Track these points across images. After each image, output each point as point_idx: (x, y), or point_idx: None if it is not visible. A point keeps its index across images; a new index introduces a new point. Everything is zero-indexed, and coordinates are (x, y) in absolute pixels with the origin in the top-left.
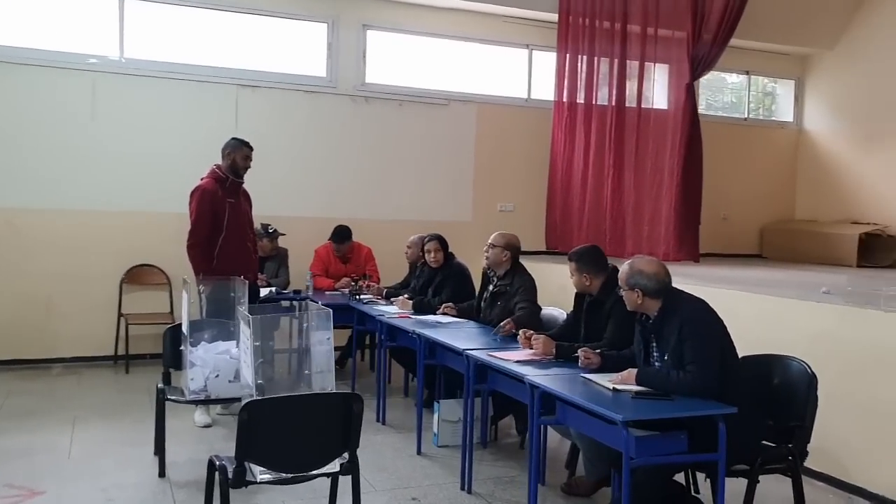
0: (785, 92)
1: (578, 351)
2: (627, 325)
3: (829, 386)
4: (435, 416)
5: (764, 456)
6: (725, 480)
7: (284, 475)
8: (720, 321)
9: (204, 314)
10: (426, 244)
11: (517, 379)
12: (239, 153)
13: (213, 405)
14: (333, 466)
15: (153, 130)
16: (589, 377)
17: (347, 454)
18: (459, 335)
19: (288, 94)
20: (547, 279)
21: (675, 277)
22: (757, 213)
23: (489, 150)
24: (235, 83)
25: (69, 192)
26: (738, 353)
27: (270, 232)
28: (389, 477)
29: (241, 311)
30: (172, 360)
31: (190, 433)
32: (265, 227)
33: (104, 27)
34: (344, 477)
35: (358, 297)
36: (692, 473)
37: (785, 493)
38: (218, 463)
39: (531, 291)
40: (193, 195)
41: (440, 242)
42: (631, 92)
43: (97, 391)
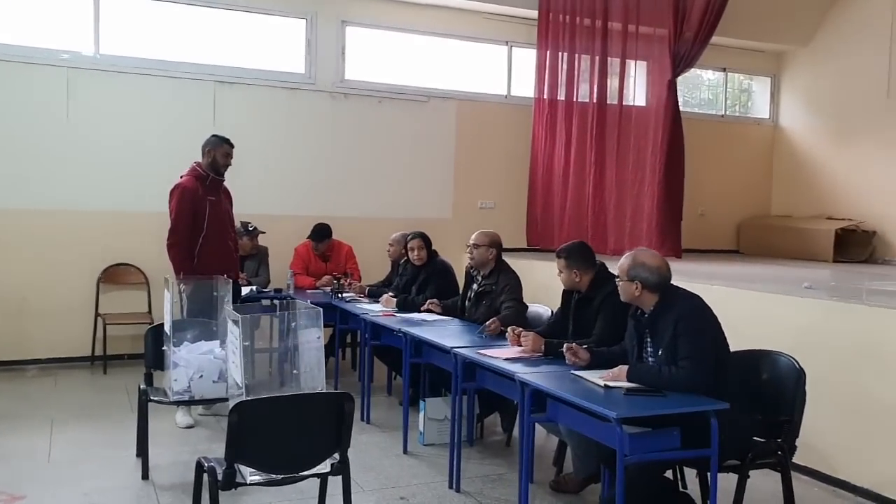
0: (761, 89)
1: (564, 347)
2: (617, 321)
3: (814, 380)
4: (421, 414)
5: (754, 451)
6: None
7: (275, 476)
8: (715, 318)
9: (185, 314)
10: (409, 241)
11: (506, 376)
12: (219, 150)
13: (194, 406)
14: (324, 467)
15: (129, 128)
16: (579, 374)
17: (338, 454)
18: (446, 333)
19: (266, 90)
20: (529, 276)
21: None
22: (734, 208)
23: (469, 147)
24: (213, 80)
25: (43, 191)
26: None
27: (250, 230)
28: (377, 477)
29: (229, 310)
30: (154, 360)
31: (172, 434)
32: (245, 224)
33: (78, 22)
34: (332, 477)
35: (340, 295)
36: (680, 469)
37: (773, 487)
38: (206, 465)
39: (517, 290)
40: (173, 193)
41: (423, 240)
42: (612, 89)
43: (75, 393)
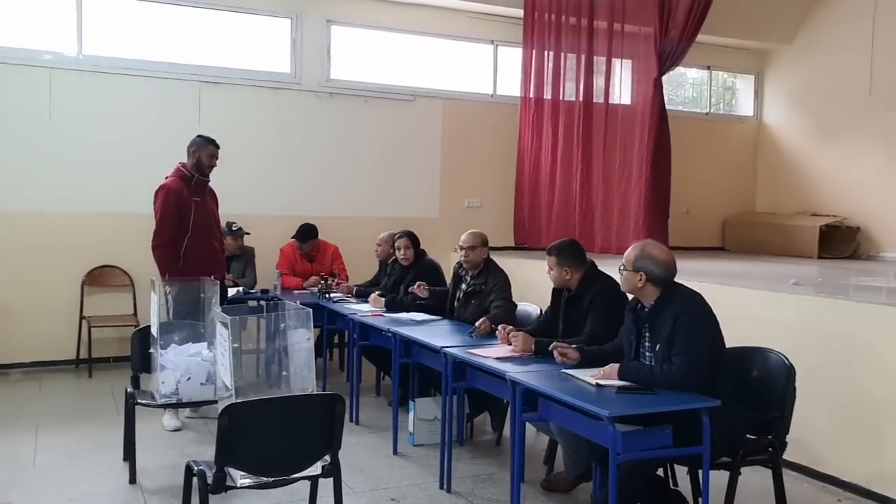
0: (745, 86)
1: (553, 347)
2: (607, 319)
3: (802, 376)
4: (410, 414)
5: (745, 448)
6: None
7: (265, 479)
8: (714, 316)
9: (171, 315)
10: (396, 241)
11: (497, 376)
12: (204, 151)
13: (181, 409)
14: (315, 469)
15: (113, 129)
16: (570, 373)
17: (329, 456)
18: (435, 333)
19: (252, 90)
20: (516, 275)
21: None
22: (719, 206)
23: (456, 146)
24: (198, 80)
25: (26, 192)
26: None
27: (235, 230)
28: (367, 478)
29: (217, 312)
30: (141, 363)
31: (159, 438)
32: (229, 224)
33: (61, 22)
34: (323, 479)
35: (328, 295)
36: (671, 466)
37: (764, 484)
38: (196, 468)
39: (506, 289)
40: (158, 194)
41: (410, 239)
42: (598, 87)
43: (60, 397)
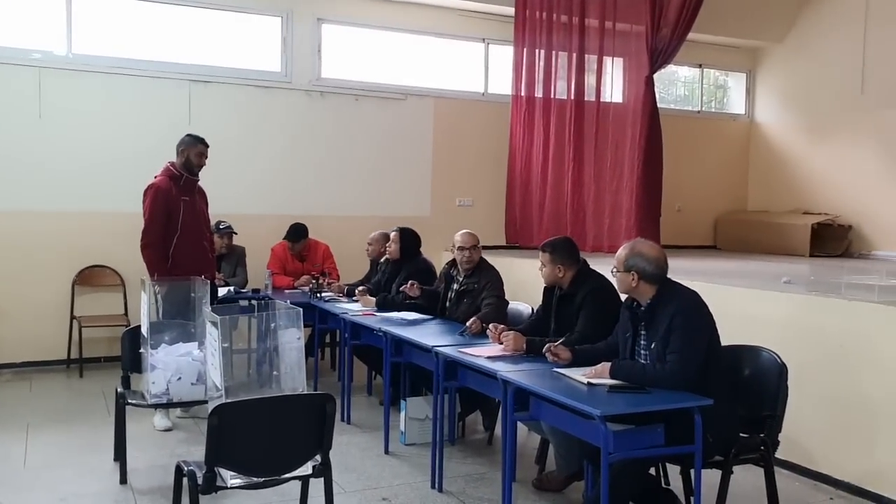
0: (736, 84)
1: (544, 349)
2: (599, 318)
3: (794, 375)
4: (402, 414)
5: (737, 447)
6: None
7: (256, 479)
8: (711, 315)
9: (160, 315)
10: (392, 232)
11: (488, 375)
12: (193, 150)
13: (172, 409)
14: (306, 469)
15: (103, 128)
16: (562, 372)
17: (320, 456)
18: (426, 332)
19: (242, 89)
20: (508, 274)
21: None
22: (710, 204)
23: (447, 144)
24: (188, 78)
25: (16, 192)
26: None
27: (222, 228)
28: (358, 477)
29: (207, 311)
30: (132, 363)
31: (149, 438)
32: (217, 223)
33: (50, 20)
34: (314, 479)
35: (319, 295)
36: (663, 465)
37: (756, 482)
38: (186, 469)
39: (498, 287)
40: (147, 193)
41: (400, 234)
42: (589, 85)
43: (50, 397)
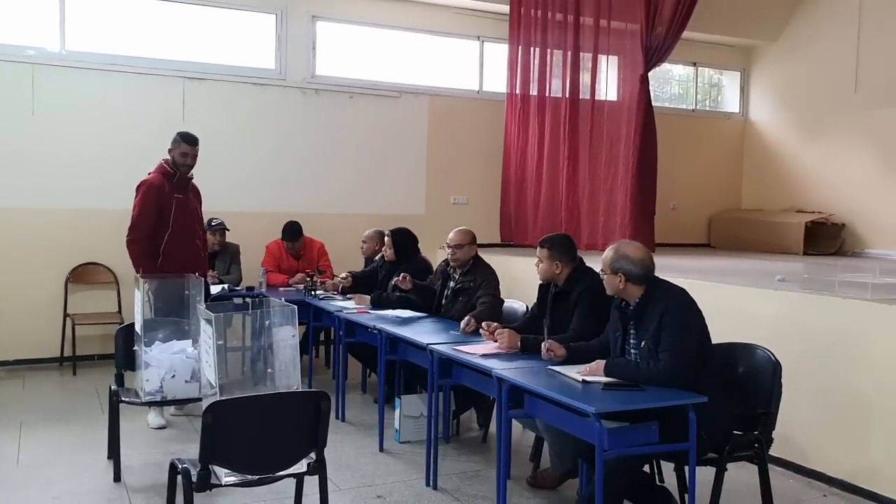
0: (731, 83)
1: (543, 344)
2: (594, 315)
3: (787, 372)
4: (396, 411)
5: (731, 444)
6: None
7: (251, 477)
8: (700, 313)
9: (153, 313)
10: (386, 237)
11: (483, 373)
12: (177, 150)
13: (166, 406)
14: (300, 467)
15: (96, 125)
16: (556, 369)
17: (315, 454)
18: (421, 330)
19: (236, 86)
20: (503, 272)
21: None
22: (705, 202)
23: (442, 142)
24: (182, 76)
25: (8, 189)
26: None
27: (214, 225)
28: (353, 475)
29: (202, 309)
30: (125, 360)
31: (143, 436)
32: (209, 220)
33: (43, 17)
34: (309, 477)
35: (313, 292)
36: (657, 462)
37: (750, 479)
38: (180, 466)
39: (493, 285)
40: (139, 189)
41: (392, 238)
42: (584, 84)
43: (43, 394)
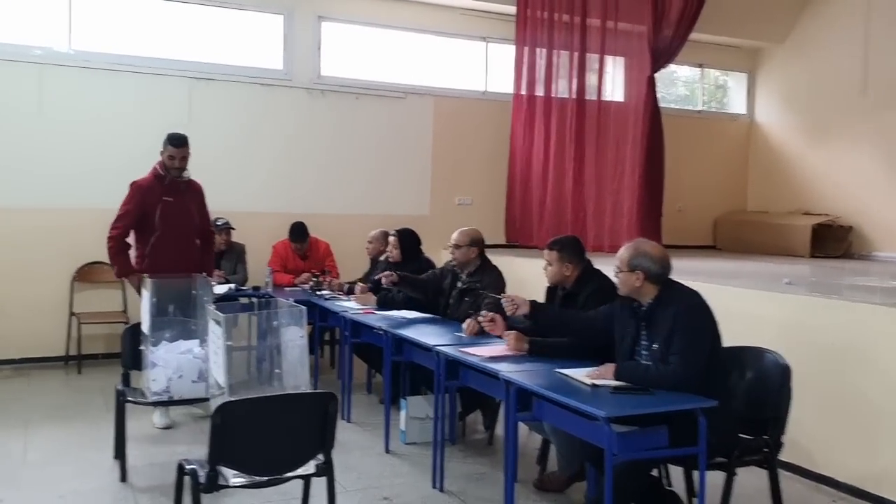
0: (737, 85)
1: (506, 334)
2: None
3: (796, 376)
4: (402, 413)
5: (741, 448)
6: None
7: (259, 478)
8: (713, 316)
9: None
10: (390, 237)
11: (490, 375)
12: (165, 152)
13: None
14: (308, 468)
15: (103, 124)
16: (564, 372)
17: (323, 455)
18: (427, 331)
19: (242, 87)
20: (507, 273)
21: None
22: (710, 204)
23: (447, 143)
24: (189, 76)
25: (15, 188)
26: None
27: (220, 225)
28: (359, 476)
29: (211, 309)
30: (132, 360)
31: (148, 435)
32: (214, 220)
33: (51, 17)
34: (316, 478)
35: (318, 292)
36: (665, 466)
37: (758, 484)
38: (188, 467)
39: (499, 286)
40: (129, 188)
41: (399, 238)
42: (591, 85)
43: (49, 393)
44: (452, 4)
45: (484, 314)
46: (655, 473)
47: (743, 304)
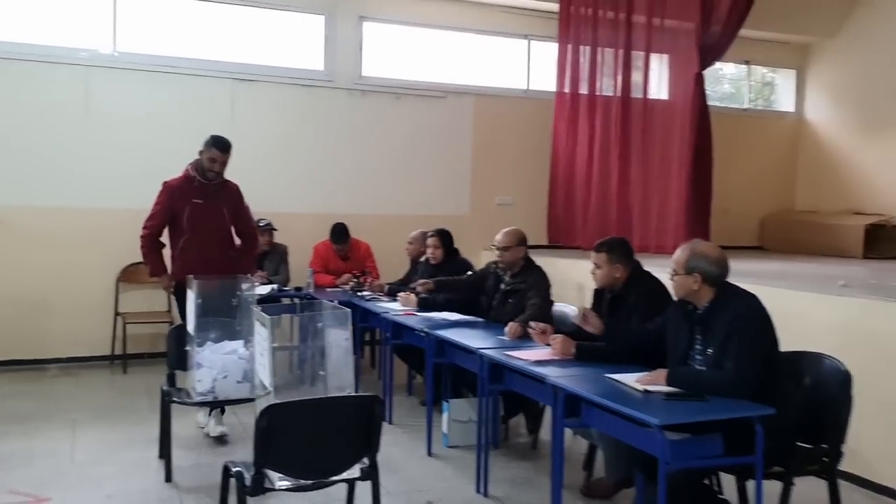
0: (785, 81)
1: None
2: (653, 320)
3: (854, 382)
4: (444, 415)
5: (799, 457)
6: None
7: (304, 482)
8: (770, 320)
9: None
10: (428, 239)
11: (535, 379)
12: (206, 154)
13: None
14: (353, 472)
15: (148, 125)
16: (614, 377)
17: (368, 459)
18: (469, 333)
19: (284, 88)
20: (550, 274)
21: None
22: (756, 204)
23: (487, 142)
24: (231, 77)
25: (63, 188)
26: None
27: (262, 225)
28: (403, 479)
29: (256, 311)
30: (177, 360)
31: (193, 436)
32: (257, 221)
33: (97, 20)
34: (360, 482)
35: (359, 293)
36: (716, 474)
37: (815, 494)
38: (233, 469)
39: (543, 287)
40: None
41: (440, 238)
42: (636, 82)
43: (95, 393)
44: (494, 2)
45: (534, 325)
46: (706, 482)
47: (796, 306)
